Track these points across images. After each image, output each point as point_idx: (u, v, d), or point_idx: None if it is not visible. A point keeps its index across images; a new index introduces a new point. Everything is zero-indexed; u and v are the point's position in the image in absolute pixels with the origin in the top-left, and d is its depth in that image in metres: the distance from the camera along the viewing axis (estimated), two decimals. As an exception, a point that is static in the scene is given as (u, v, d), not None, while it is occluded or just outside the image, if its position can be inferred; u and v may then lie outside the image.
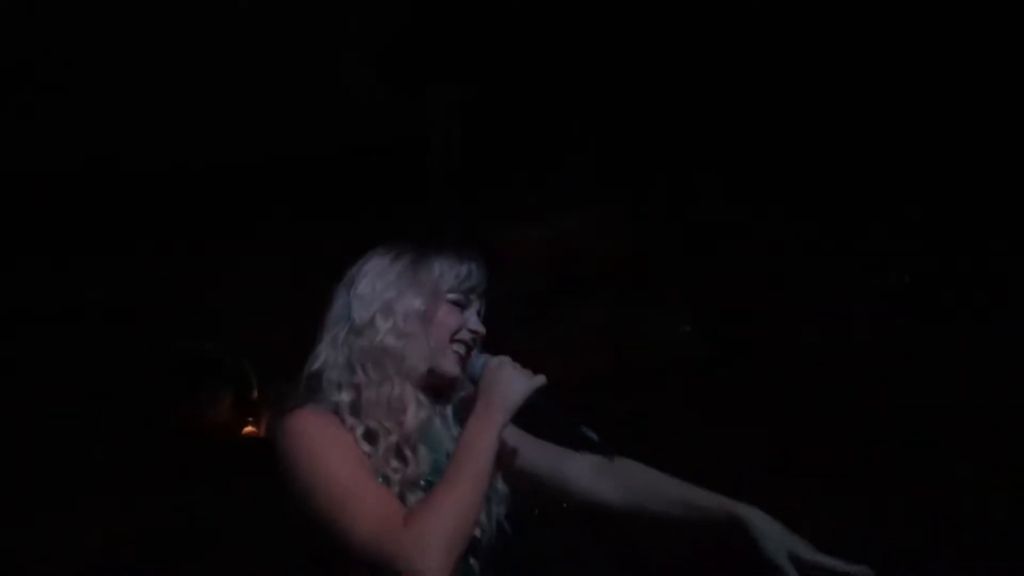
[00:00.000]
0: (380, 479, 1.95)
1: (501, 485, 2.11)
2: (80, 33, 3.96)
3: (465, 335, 2.10)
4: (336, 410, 2.01)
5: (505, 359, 2.06)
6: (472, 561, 2.02)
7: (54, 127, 4.38)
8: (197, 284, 4.63)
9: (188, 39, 3.98)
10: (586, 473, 2.20)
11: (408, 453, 1.99)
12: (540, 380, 2.02)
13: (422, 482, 1.99)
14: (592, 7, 3.69)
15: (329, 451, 1.93)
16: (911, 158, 3.80)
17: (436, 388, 2.10)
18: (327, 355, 2.06)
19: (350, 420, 1.99)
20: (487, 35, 3.76)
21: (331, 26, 3.95)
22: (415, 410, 2.02)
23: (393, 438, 1.98)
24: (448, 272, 2.11)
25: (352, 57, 4.06)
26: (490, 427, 1.96)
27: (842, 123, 3.82)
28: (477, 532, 1.99)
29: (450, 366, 2.09)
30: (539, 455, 2.20)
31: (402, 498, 1.95)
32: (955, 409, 4.00)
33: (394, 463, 1.97)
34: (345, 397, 2.01)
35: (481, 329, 2.12)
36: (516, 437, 2.15)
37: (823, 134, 3.84)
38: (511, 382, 2.01)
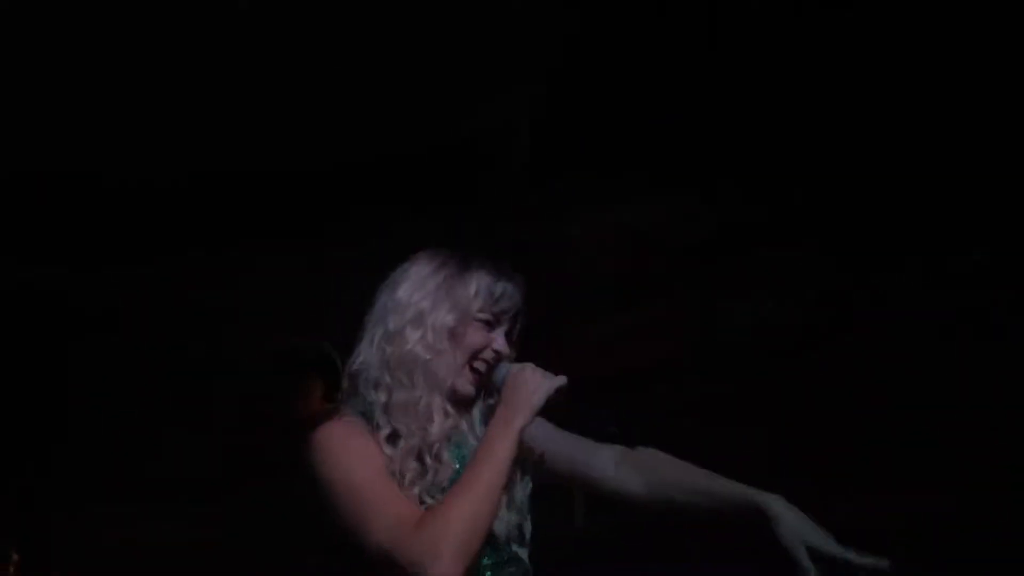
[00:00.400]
0: (401, 480, 2.00)
1: (520, 495, 2.13)
2: (112, 35, 3.98)
3: (488, 355, 2.13)
4: (369, 409, 2.07)
5: (527, 364, 2.09)
6: (516, 549, 2.07)
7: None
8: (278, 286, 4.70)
9: (212, 43, 3.98)
10: (611, 464, 2.21)
11: (429, 460, 2.03)
12: (560, 380, 2.05)
13: (446, 484, 2.03)
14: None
15: (351, 460, 1.98)
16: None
17: (456, 401, 2.14)
18: (365, 355, 2.12)
19: (379, 419, 2.05)
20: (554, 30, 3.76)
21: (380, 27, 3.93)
22: (441, 420, 2.06)
23: (415, 442, 2.03)
24: (483, 291, 2.12)
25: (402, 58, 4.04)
26: (509, 431, 2.00)
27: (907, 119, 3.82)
28: (516, 519, 2.06)
29: (464, 385, 2.12)
30: (564, 447, 2.22)
31: (422, 502, 1.99)
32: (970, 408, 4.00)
33: (414, 466, 2.01)
34: (379, 397, 2.06)
35: (505, 350, 2.13)
36: (542, 430, 2.17)
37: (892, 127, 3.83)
38: (531, 384, 2.04)
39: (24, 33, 3.98)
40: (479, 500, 1.91)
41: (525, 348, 2.17)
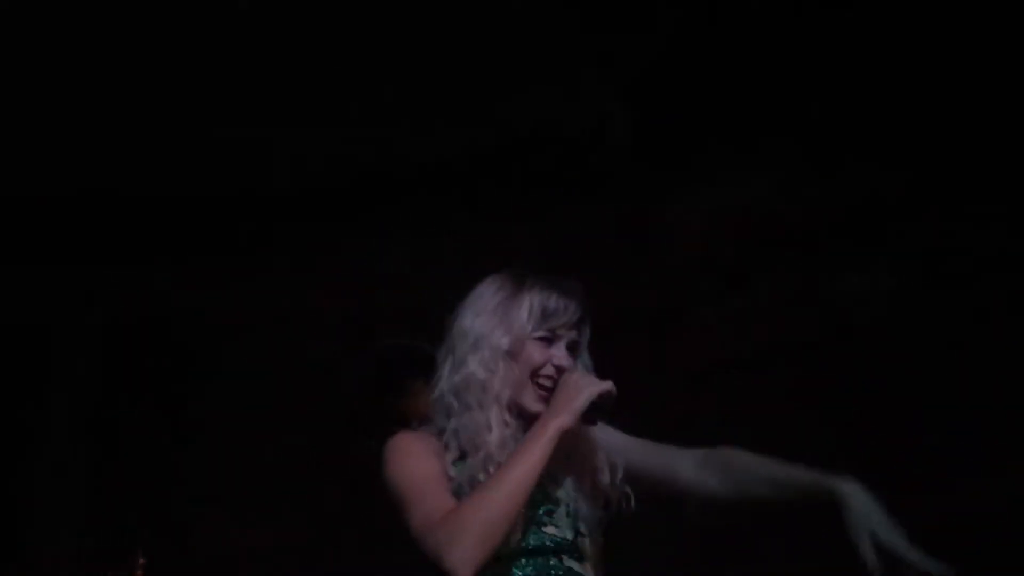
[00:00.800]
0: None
1: (582, 509, 2.19)
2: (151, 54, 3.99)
3: (549, 370, 2.19)
4: (444, 434, 2.19)
5: (578, 371, 2.18)
6: (568, 562, 2.12)
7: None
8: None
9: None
10: (692, 467, 2.29)
11: (493, 470, 2.11)
12: (606, 385, 2.11)
13: None
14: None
15: (408, 462, 2.13)
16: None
17: (523, 417, 2.20)
18: (441, 384, 2.23)
19: (450, 442, 2.17)
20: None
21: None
22: (500, 428, 2.15)
23: (480, 455, 2.13)
24: (535, 310, 2.19)
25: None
26: (545, 431, 2.07)
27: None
28: (570, 535, 2.14)
29: (531, 402, 2.19)
30: (648, 455, 2.30)
31: None
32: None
33: (483, 479, 2.10)
34: (451, 424, 2.18)
35: (566, 364, 2.19)
36: (623, 440, 2.28)
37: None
38: (575, 387, 2.11)
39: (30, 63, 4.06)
40: (503, 495, 2.00)
41: (635, 335, 2.18)
